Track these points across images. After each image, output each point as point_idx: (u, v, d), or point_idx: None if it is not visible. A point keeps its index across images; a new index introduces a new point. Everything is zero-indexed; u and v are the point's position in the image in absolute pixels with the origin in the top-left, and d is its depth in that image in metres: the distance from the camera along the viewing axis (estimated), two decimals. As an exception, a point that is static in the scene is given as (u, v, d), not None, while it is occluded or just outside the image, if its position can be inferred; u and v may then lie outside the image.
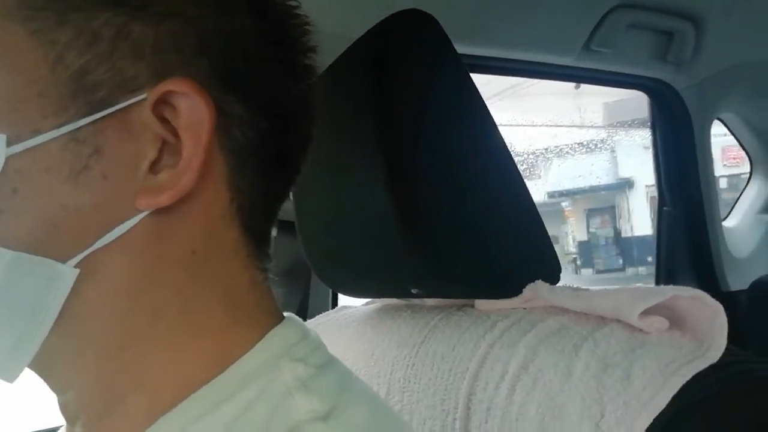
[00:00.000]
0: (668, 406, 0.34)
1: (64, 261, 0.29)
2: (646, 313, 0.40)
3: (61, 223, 0.29)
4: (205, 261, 0.32)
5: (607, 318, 0.42)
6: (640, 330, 0.40)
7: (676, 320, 0.41)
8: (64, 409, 0.34)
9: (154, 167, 0.30)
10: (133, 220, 0.30)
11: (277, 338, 0.33)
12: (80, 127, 0.29)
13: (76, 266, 0.29)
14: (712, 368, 0.36)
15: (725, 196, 1.70)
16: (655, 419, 0.34)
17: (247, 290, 0.34)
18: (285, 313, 0.36)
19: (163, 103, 0.30)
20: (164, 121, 0.30)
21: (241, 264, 0.34)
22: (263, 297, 0.35)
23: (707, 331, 0.39)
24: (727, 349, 0.37)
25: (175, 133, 0.30)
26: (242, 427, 0.29)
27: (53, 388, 0.34)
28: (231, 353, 0.32)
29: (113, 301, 0.31)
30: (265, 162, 0.33)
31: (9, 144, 0.28)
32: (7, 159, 0.28)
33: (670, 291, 0.40)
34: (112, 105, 0.29)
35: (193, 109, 0.29)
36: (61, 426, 0.36)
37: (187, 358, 0.31)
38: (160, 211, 0.30)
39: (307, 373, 0.31)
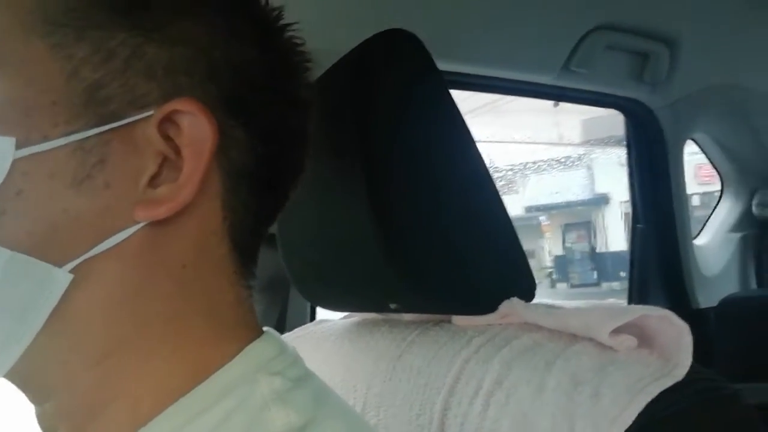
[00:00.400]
0: (635, 422, 0.36)
1: (59, 265, 0.30)
2: (617, 331, 0.42)
3: (60, 227, 0.30)
4: (194, 275, 0.33)
5: (579, 336, 0.44)
6: (611, 348, 0.41)
7: (645, 339, 0.42)
8: (42, 419, 0.34)
9: (153, 181, 0.31)
10: (129, 230, 0.31)
11: (255, 352, 0.34)
12: (88, 137, 0.30)
13: (70, 271, 0.30)
14: (677, 386, 0.38)
15: (698, 214, 1.74)
16: (623, 435, 0.35)
17: (231, 305, 0.35)
18: (264, 328, 0.37)
19: (168, 121, 0.31)
20: (167, 138, 0.31)
21: (228, 280, 0.34)
22: (246, 313, 0.36)
23: (674, 349, 0.40)
24: (691, 367, 0.39)
25: (176, 150, 0.31)
26: None
27: (32, 397, 0.33)
28: (210, 365, 0.32)
29: (102, 308, 0.31)
30: (258, 185, 0.34)
31: (18, 147, 0.29)
32: (15, 161, 0.29)
33: (639, 310, 0.41)
34: (120, 119, 0.30)
35: (196, 128, 0.31)
36: None
37: (169, 369, 0.32)
38: (155, 223, 0.31)
39: (284, 387, 0.32)
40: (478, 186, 0.53)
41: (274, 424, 0.30)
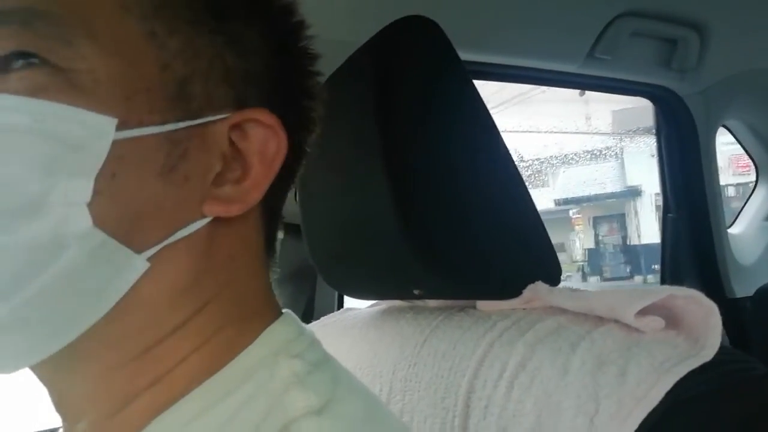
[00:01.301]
0: (661, 402, 0.35)
1: (138, 252, 0.30)
2: (643, 312, 0.41)
3: (145, 215, 0.30)
4: (238, 265, 0.35)
5: (605, 318, 0.43)
6: (637, 329, 0.41)
7: (671, 320, 0.41)
8: (66, 407, 0.34)
9: (217, 179, 0.33)
10: (200, 222, 0.32)
11: (275, 334, 0.35)
12: (177, 129, 0.31)
13: (147, 260, 0.31)
14: (705, 367, 0.37)
15: (734, 205, 1.69)
16: (648, 415, 0.35)
17: (258, 291, 0.36)
18: (283, 310, 0.37)
19: (236, 126, 0.33)
20: (230, 141, 0.33)
21: (261, 265, 0.37)
22: (269, 296, 0.37)
23: (702, 330, 0.39)
24: (720, 348, 0.38)
25: (237, 154, 0.33)
26: (241, 420, 0.31)
27: (62, 383, 0.33)
28: (234, 348, 0.33)
29: (165, 297, 0.32)
30: (286, 176, 0.36)
31: (118, 128, 0.29)
32: (113, 143, 0.29)
33: (665, 291, 0.41)
34: (203, 117, 0.32)
35: (268, 139, 0.33)
36: (59, 427, 0.36)
37: (201, 353, 0.33)
38: (217, 219, 0.33)
39: (303, 369, 0.33)
40: (501, 172, 0.53)
41: (294, 407, 0.31)
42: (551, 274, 0.52)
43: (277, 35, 0.35)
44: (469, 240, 0.50)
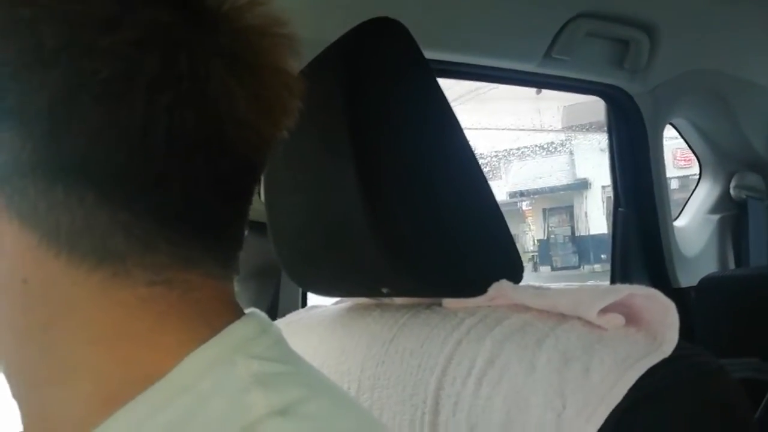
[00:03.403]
0: (625, 397, 0.37)
1: None
2: (604, 310, 0.43)
3: None
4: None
5: (568, 315, 0.45)
6: (599, 326, 0.43)
7: (632, 317, 0.43)
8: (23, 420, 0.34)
9: None
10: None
11: (233, 334, 0.33)
12: None
13: None
14: (665, 362, 0.39)
15: (676, 197, 1.77)
16: (613, 410, 0.37)
17: (217, 290, 0.34)
18: (247, 310, 0.36)
19: None
20: None
21: (198, 270, 0.34)
22: (228, 295, 0.35)
23: (660, 327, 0.41)
24: (678, 343, 0.40)
25: None
26: (197, 422, 0.30)
27: (14, 399, 0.33)
28: (189, 348, 0.32)
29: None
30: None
31: None
32: None
33: (626, 290, 0.43)
34: None
35: None
36: None
37: (144, 354, 0.32)
38: None
39: (264, 369, 0.32)
40: (465, 171, 0.54)
41: (255, 408, 0.30)
42: (514, 271, 0.53)
43: None
44: (437, 238, 0.51)
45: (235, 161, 0.33)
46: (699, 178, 1.60)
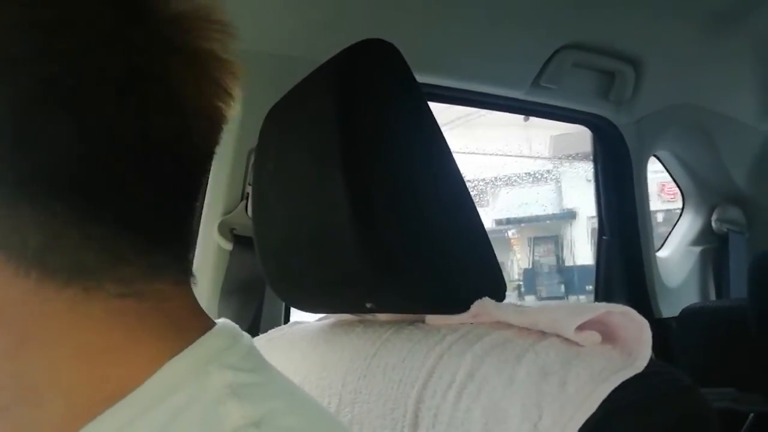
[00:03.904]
0: (598, 409, 0.38)
1: None
2: (582, 328, 0.44)
3: None
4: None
5: (547, 332, 0.46)
6: (576, 343, 0.44)
7: (607, 334, 0.45)
8: None
9: None
10: None
11: (205, 345, 0.33)
12: None
13: None
14: (638, 377, 0.40)
15: (661, 230, 1.79)
16: (587, 421, 0.38)
17: (186, 304, 0.34)
18: (217, 320, 0.36)
19: None
20: None
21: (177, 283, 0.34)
22: (196, 308, 0.35)
23: (635, 344, 0.43)
24: (651, 361, 0.42)
25: None
26: None
27: None
28: (155, 362, 0.31)
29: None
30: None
31: None
32: None
33: (602, 307, 0.44)
34: None
35: None
36: None
37: (116, 369, 0.31)
38: None
39: (238, 380, 0.31)
40: (453, 191, 0.55)
41: (230, 419, 0.29)
42: (497, 290, 0.54)
43: None
44: (423, 255, 0.52)
45: (196, 154, 0.33)
46: (682, 210, 1.63)
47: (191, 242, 0.35)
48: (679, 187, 1.62)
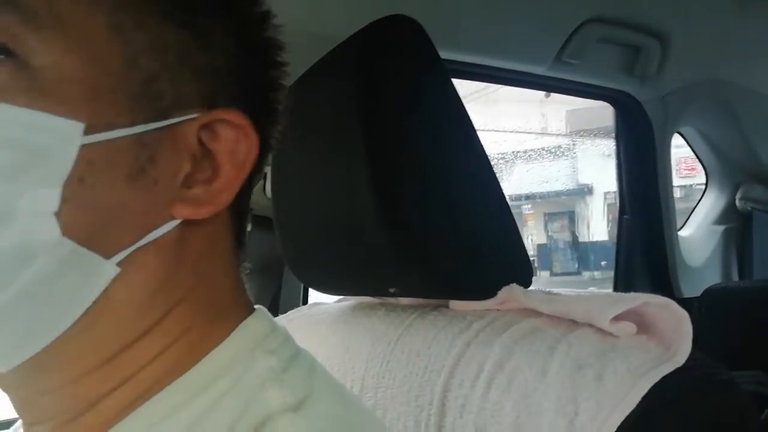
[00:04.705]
0: (637, 406, 0.37)
1: (107, 257, 0.29)
2: (616, 318, 0.43)
3: (114, 220, 0.29)
4: (208, 264, 0.34)
5: (579, 322, 0.45)
6: (611, 334, 0.42)
7: (643, 326, 0.43)
8: (28, 411, 0.33)
9: (187, 181, 0.32)
10: (169, 224, 0.31)
11: (250, 330, 0.34)
12: (146, 132, 0.29)
13: (117, 264, 0.30)
14: (678, 371, 0.39)
15: (679, 206, 1.77)
16: (626, 418, 0.36)
17: (229, 288, 0.35)
18: (255, 306, 0.37)
19: (206, 126, 0.32)
20: (199, 140, 0.32)
21: (231, 264, 0.36)
22: (241, 292, 0.36)
23: (673, 337, 0.41)
24: (690, 354, 0.40)
25: (206, 154, 0.32)
26: (215, 417, 0.30)
27: (27, 389, 0.32)
28: (207, 345, 0.33)
29: (136, 301, 0.31)
30: (253, 173, 0.35)
31: (85, 133, 0.28)
32: (80, 148, 0.28)
33: (640, 298, 0.42)
34: (172, 117, 0.30)
35: (239, 141, 0.32)
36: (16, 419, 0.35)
37: (173, 352, 0.32)
38: (186, 221, 0.32)
39: (280, 365, 0.32)
40: (479, 174, 0.53)
41: (271, 403, 0.30)
42: (524, 276, 0.53)
43: (243, 28, 0.34)
44: (448, 239, 0.50)
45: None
46: (705, 188, 1.60)
47: (245, 219, 0.37)
48: (702, 164, 1.58)
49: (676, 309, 0.42)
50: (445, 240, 0.50)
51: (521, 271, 0.52)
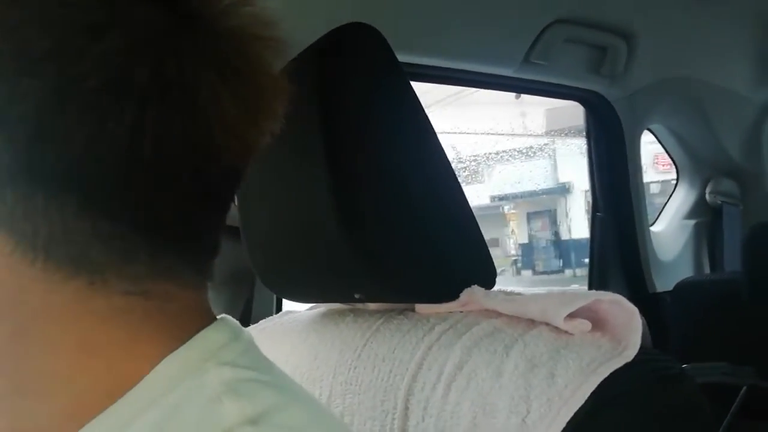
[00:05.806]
0: (587, 401, 0.38)
1: None
2: (572, 316, 0.43)
3: None
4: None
5: (536, 321, 0.45)
6: (566, 332, 0.43)
7: (598, 322, 0.44)
8: None
9: None
10: None
11: (204, 340, 0.32)
12: None
13: None
14: (627, 366, 0.40)
15: (657, 201, 1.79)
16: (575, 414, 0.37)
17: (191, 296, 0.34)
18: (219, 316, 0.35)
19: None
20: None
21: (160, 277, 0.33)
22: (201, 301, 0.35)
23: (625, 332, 0.42)
24: (641, 348, 0.41)
25: None
26: None
27: None
28: (154, 360, 0.31)
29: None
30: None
31: None
32: None
33: (591, 295, 0.43)
34: None
35: None
36: None
37: (117, 366, 0.31)
38: None
39: (236, 377, 0.31)
40: (439, 177, 0.54)
41: (228, 417, 0.29)
42: (487, 277, 0.54)
43: None
44: (409, 244, 0.51)
45: (221, 170, 0.33)
46: (676, 184, 1.62)
47: (212, 247, 0.35)
48: (673, 160, 1.61)
49: (626, 304, 0.43)
50: (405, 243, 0.51)
51: (483, 272, 0.53)
